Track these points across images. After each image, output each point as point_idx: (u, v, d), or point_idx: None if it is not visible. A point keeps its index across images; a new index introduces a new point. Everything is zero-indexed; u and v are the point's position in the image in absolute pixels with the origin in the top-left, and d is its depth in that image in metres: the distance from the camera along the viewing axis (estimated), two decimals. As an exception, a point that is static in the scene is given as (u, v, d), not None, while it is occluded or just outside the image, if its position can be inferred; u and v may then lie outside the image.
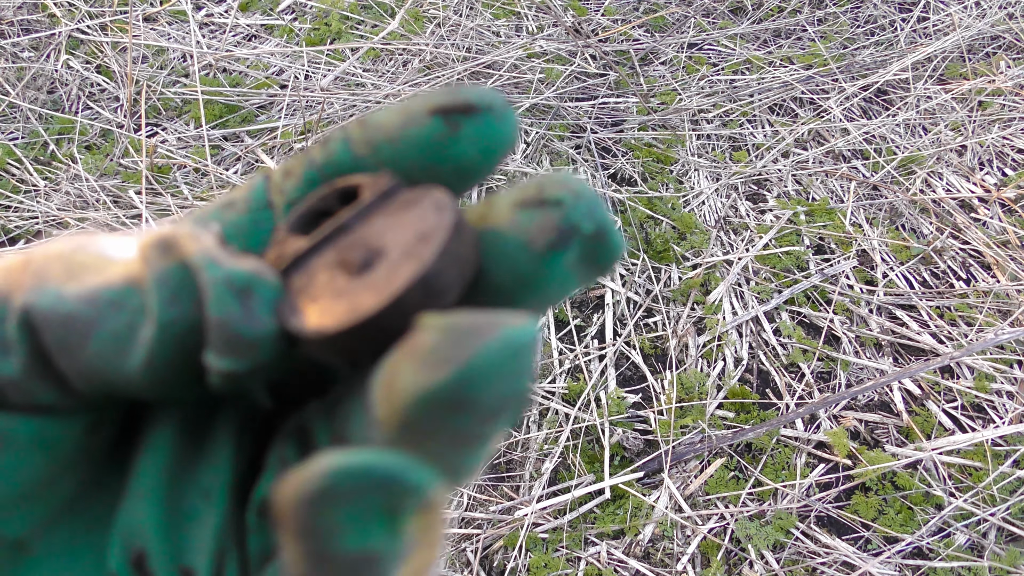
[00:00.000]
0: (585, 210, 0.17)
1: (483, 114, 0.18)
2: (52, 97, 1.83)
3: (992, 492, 1.27)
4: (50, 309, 0.16)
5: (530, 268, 0.17)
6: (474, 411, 0.14)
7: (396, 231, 0.17)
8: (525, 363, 0.14)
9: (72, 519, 0.18)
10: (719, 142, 1.85)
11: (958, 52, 2.10)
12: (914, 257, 1.64)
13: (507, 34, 2.05)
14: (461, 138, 0.18)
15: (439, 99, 0.18)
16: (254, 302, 0.16)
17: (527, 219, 0.17)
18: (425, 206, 0.17)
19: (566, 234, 0.16)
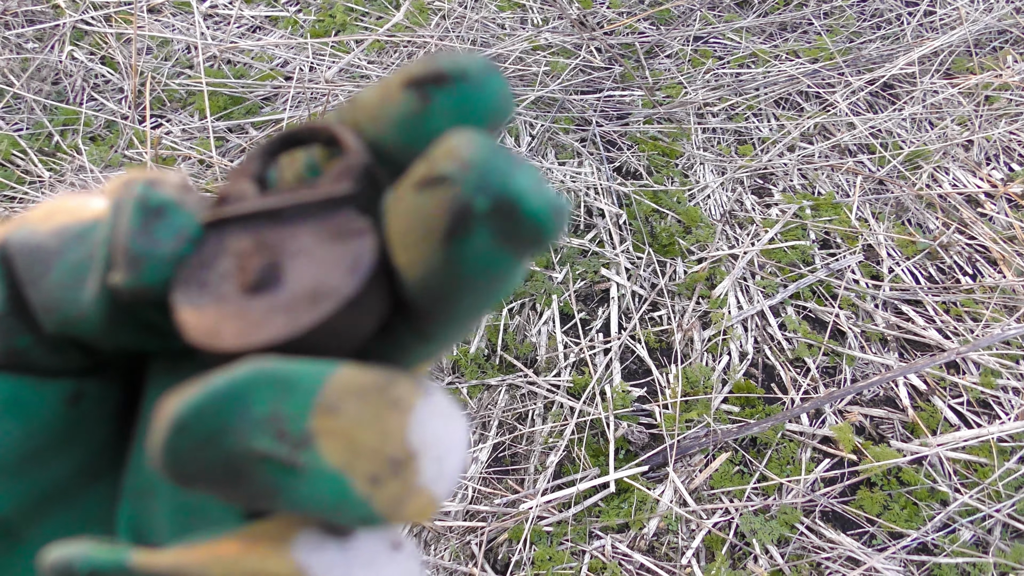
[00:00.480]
0: (477, 182, 0.14)
1: (456, 83, 0.16)
2: (56, 88, 1.82)
3: (998, 488, 1.27)
4: (22, 241, 0.17)
5: (431, 270, 0.15)
6: (173, 471, 0.14)
7: (308, 263, 0.16)
8: (206, 430, 0.14)
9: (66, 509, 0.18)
10: (725, 136, 1.85)
11: (965, 46, 2.09)
12: (920, 252, 1.63)
13: (512, 26, 2.04)
14: (433, 112, 0.16)
15: (412, 70, 0.16)
16: (158, 223, 0.16)
17: (422, 203, 0.15)
18: (346, 252, 0.16)
19: (459, 217, 0.14)
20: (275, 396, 0.14)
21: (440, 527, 1.21)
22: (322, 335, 0.15)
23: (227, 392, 0.14)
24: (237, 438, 0.14)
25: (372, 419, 0.15)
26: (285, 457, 0.14)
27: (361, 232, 0.16)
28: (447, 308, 0.15)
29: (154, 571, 0.14)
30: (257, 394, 0.14)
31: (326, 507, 0.14)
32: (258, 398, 0.14)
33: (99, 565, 0.14)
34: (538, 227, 0.14)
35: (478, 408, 1.35)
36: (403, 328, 0.16)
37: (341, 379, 0.15)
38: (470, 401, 1.35)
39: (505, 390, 1.37)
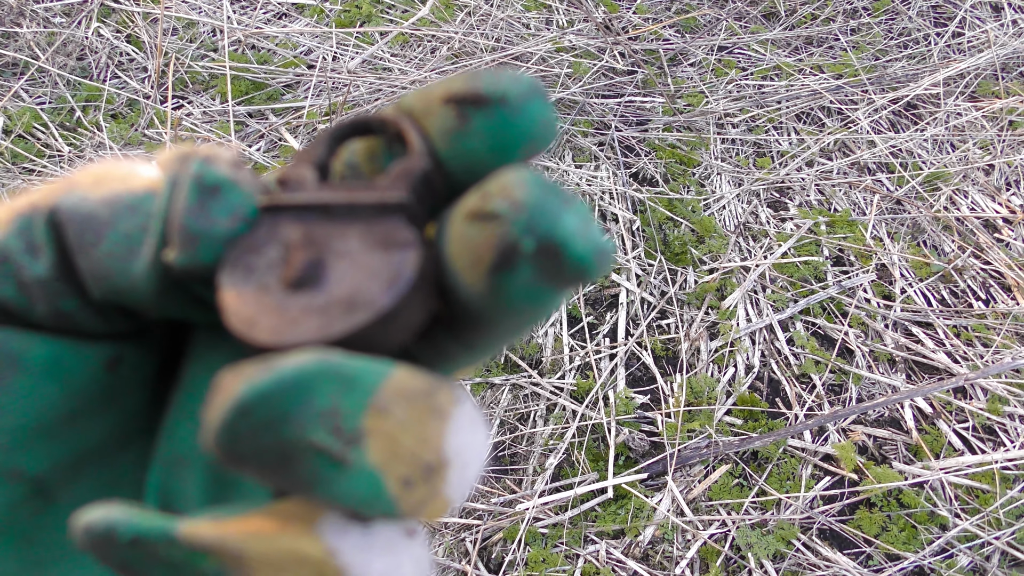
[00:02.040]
0: (526, 223, 0.15)
1: (494, 106, 0.16)
2: (81, 64, 1.83)
3: (999, 516, 1.26)
4: (73, 208, 0.17)
5: (477, 294, 0.15)
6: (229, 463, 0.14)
7: (350, 267, 0.16)
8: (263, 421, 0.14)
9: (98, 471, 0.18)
10: (743, 147, 1.84)
11: (992, 70, 2.07)
12: (934, 274, 1.62)
13: (537, 26, 2.04)
14: (470, 133, 0.16)
15: (454, 86, 0.16)
16: (214, 202, 0.16)
17: (472, 235, 0.15)
18: (389, 263, 0.16)
19: (506, 254, 0.15)
20: (336, 391, 0.14)
21: (435, 523, 1.21)
22: (353, 343, 0.15)
23: (294, 381, 0.14)
24: (296, 428, 0.14)
25: (415, 424, 0.15)
26: (336, 452, 0.14)
27: (406, 245, 0.16)
28: (489, 327, 0.16)
29: (199, 543, 0.14)
30: (321, 387, 0.14)
31: (357, 502, 0.15)
32: (321, 391, 0.14)
33: (144, 532, 0.14)
34: (580, 268, 0.15)
35: (480, 406, 1.35)
36: (446, 335, 0.17)
37: (395, 382, 0.15)
38: (472, 398, 1.35)
39: (508, 390, 1.37)
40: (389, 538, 0.16)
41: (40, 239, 0.17)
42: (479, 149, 0.16)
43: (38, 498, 0.18)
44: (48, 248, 0.17)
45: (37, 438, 0.17)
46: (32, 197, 0.18)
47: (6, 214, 0.17)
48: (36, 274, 0.17)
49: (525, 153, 0.16)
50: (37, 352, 0.17)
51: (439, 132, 0.16)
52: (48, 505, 0.18)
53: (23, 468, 0.17)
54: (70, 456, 0.18)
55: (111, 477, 0.19)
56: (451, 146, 0.16)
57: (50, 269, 0.17)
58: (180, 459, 0.18)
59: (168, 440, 0.18)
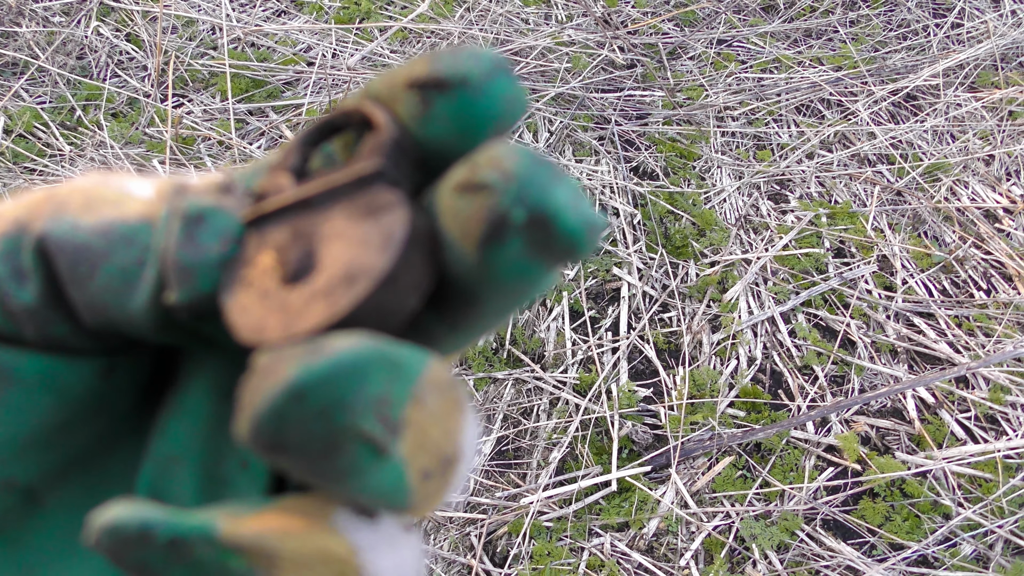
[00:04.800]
0: (516, 194, 0.14)
1: (456, 89, 0.16)
2: (81, 63, 1.84)
3: (1001, 504, 1.27)
4: (64, 238, 0.16)
5: (468, 267, 0.15)
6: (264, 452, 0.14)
7: (340, 245, 0.16)
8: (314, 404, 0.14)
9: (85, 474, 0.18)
10: (744, 140, 1.84)
11: (991, 60, 2.07)
12: (935, 265, 1.62)
13: (536, 21, 2.04)
14: (432, 118, 0.16)
15: (415, 70, 0.16)
16: (200, 230, 0.16)
17: (462, 207, 0.15)
18: (377, 228, 0.16)
19: (496, 225, 0.14)
20: (387, 378, 0.14)
21: (440, 517, 1.21)
22: (363, 316, 0.15)
23: (352, 364, 0.14)
24: (349, 415, 0.14)
25: (442, 416, 0.15)
26: (381, 441, 0.14)
27: (391, 205, 0.16)
28: (477, 305, 0.16)
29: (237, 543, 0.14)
30: (375, 373, 0.14)
31: (381, 494, 0.15)
32: (375, 377, 0.14)
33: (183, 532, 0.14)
34: (571, 242, 0.15)
35: (484, 401, 1.35)
36: (433, 318, 0.17)
37: (432, 371, 0.15)
38: (476, 394, 1.36)
39: (511, 384, 1.38)
40: (392, 533, 0.16)
41: (27, 266, 0.16)
42: (445, 133, 0.16)
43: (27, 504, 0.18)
44: (36, 276, 0.16)
45: (31, 448, 0.17)
46: (15, 212, 0.17)
47: None
48: (23, 301, 0.16)
49: (494, 132, 0.16)
50: (31, 367, 0.17)
51: (407, 118, 0.16)
52: (36, 509, 0.18)
53: (16, 478, 0.17)
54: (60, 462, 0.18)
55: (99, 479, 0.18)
56: (419, 131, 0.16)
57: (38, 297, 0.16)
58: (173, 458, 0.18)
59: (161, 439, 0.18)
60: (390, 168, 0.16)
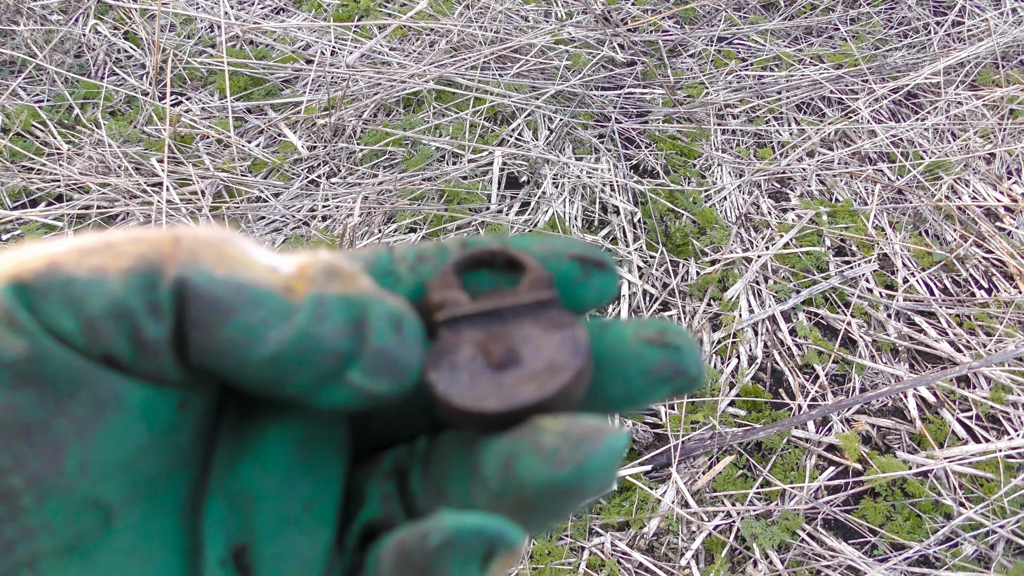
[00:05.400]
0: (695, 359, 0.21)
1: (608, 271, 0.22)
2: (79, 61, 1.83)
3: (1003, 504, 1.26)
4: (202, 287, 0.18)
5: (642, 391, 0.21)
6: (579, 497, 0.18)
7: (536, 347, 0.21)
8: (617, 463, 0.18)
9: (149, 497, 0.20)
10: (744, 138, 1.84)
11: (992, 58, 2.07)
12: (936, 264, 1.62)
13: (536, 19, 2.03)
14: (589, 284, 0.22)
15: (579, 250, 0.22)
16: (406, 332, 0.20)
17: (652, 355, 0.21)
18: (566, 337, 0.21)
19: (679, 373, 0.21)
20: None
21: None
22: (560, 400, 0.20)
23: (624, 447, 0.19)
24: (611, 482, 0.19)
25: None
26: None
27: (571, 323, 0.21)
28: (613, 412, 0.22)
29: (517, 552, 0.18)
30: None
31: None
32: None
33: (512, 539, 0.18)
34: (694, 390, 0.22)
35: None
36: None
37: None
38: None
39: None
40: None
41: (164, 305, 0.18)
42: (590, 296, 0.22)
43: (103, 522, 0.19)
44: (170, 315, 0.18)
45: (118, 470, 0.19)
46: (137, 248, 0.19)
47: (112, 262, 0.18)
48: (154, 336, 0.18)
49: (609, 303, 0.25)
50: (135, 396, 0.19)
51: (564, 278, 0.22)
52: (108, 528, 0.19)
53: (102, 497, 0.19)
54: (133, 485, 0.20)
55: (159, 503, 0.20)
56: (573, 289, 0.22)
57: (169, 334, 0.18)
58: (243, 495, 0.21)
59: (232, 476, 0.21)
60: (558, 297, 0.22)
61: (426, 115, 1.75)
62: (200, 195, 1.55)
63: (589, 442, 0.18)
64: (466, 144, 1.68)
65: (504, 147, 1.69)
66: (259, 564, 0.21)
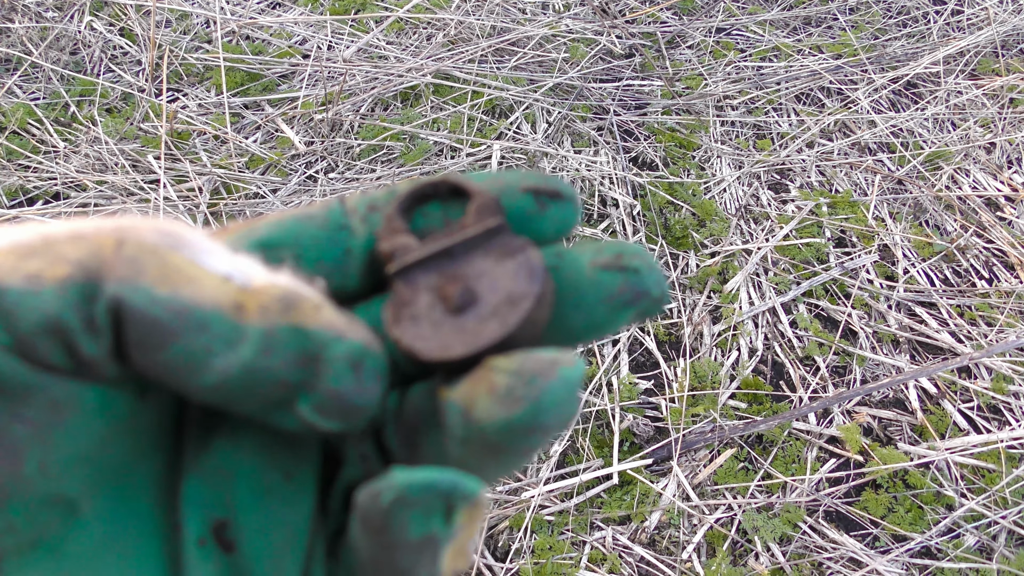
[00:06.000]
0: (655, 279, 0.20)
1: (566, 201, 0.22)
2: (75, 58, 1.82)
3: (1004, 495, 1.26)
4: (141, 309, 0.17)
5: (603, 319, 0.21)
6: (539, 433, 0.18)
7: (492, 280, 0.20)
8: (576, 394, 0.18)
9: (118, 485, 0.20)
10: (743, 129, 1.83)
11: (992, 47, 2.06)
12: (936, 254, 1.62)
13: (533, 11, 2.02)
14: (546, 216, 0.22)
15: (532, 182, 0.22)
16: (364, 373, 0.19)
17: (609, 280, 0.20)
18: (520, 264, 0.20)
19: (639, 296, 0.20)
20: None
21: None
22: (525, 330, 0.19)
23: (581, 377, 0.18)
24: (573, 413, 0.18)
25: None
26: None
27: (524, 247, 0.21)
28: (579, 343, 0.21)
29: (480, 501, 0.18)
30: None
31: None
32: None
33: (468, 491, 0.18)
34: (661, 311, 0.21)
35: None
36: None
37: None
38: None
39: (512, 377, 1.37)
40: None
41: (101, 324, 0.17)
42: (548, 229, 0.22)
43: (67, 514, 0.19)
44: (107, 333, 0.18)
45: (80, 465, 0.19)
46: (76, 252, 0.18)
47: (48, 269, 0.18)
48: (91, 353, 0.18)
49: (570, 235, 0.22)
50: (91, 395, 0.18)
51: (519, 211, 0.22)
52: (74, 519, 0.19)
53: (65, 492, 0.19)
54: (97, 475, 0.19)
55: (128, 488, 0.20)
56: (528, 223, 0.21)
57: (106, 352, 0.18)
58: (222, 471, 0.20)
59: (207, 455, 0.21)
60: (506, 222, 0.21)
61: (424, 109, 1.75)
62: (198, 192, 1.54)
63: (542, 377, 0.18)
64: (464, 138, 1.68)
65: (502, 141, 1.68)
66: (242, 537, 0.20)
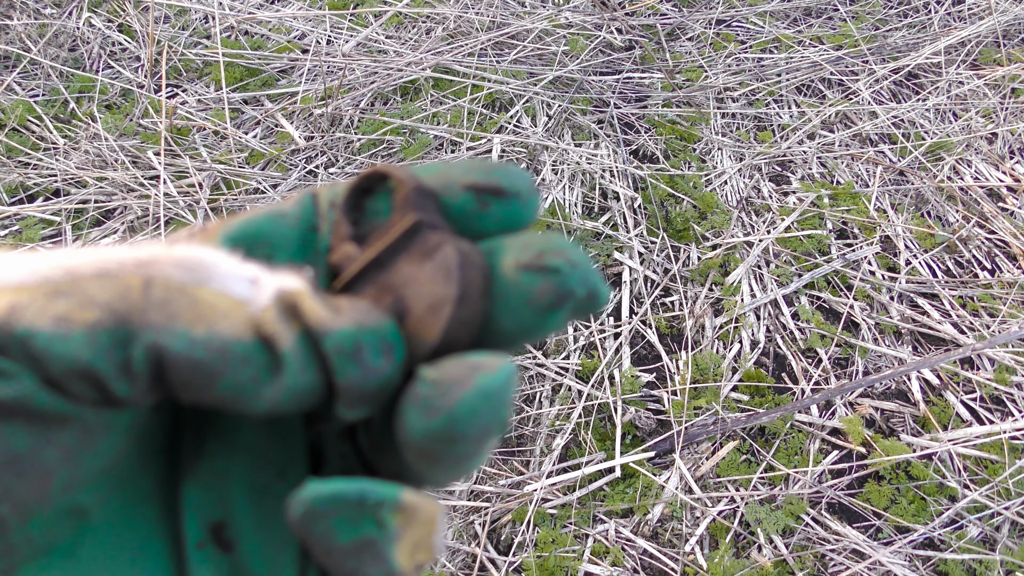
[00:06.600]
0: (579, 277, 0.19)
1: (510, 199, 0.21)
2: (73, 55, 1.82)
3: (1007, 486, 1.26)
4: (183, 354, 0.17)
5: (531, 322, 0.20)
6: (463, 441, 0.18)
7: (416, 286, 0.20)
8: (498, 401, 0.18)
9: (124, 492, 0.20)
10: (744, 121, 1.82)
11: (993, 37, 2.05)
12: (938, 245, 1.61)
13: (532, 4, 2.02)
14: (488, 215, 0.21)
15: (474, 177, 0.21)
16: (365, 355, 0.19)
17: (529, 282, 0.19)
18: (437, 265, 0.20)
19: (563, 298, 0.19)
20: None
21: (444, 506, 1.21)
22: (453, 332, 0.19)
23: (513, 371, 0.19)
24: (509, 408, 0.18)
25: None
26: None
27: (439, 244, 0.20)
28: (516, 344, 0.20)
29: (407, 504, 0.18)
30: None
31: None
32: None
33: (383, 496, 0.18)
34: (598, 309, 0.20)
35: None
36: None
37: None
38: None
39: (513, 371, 1.37)
40: None
41: (139, 370, 0.17)
42: (491, 228, 0.21)
43: (80, 521, 0.19)
44: (144, 378, 0.18)
45: (98, 477, 0.19)
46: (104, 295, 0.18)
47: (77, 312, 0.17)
48: (124, 394, 0.18)
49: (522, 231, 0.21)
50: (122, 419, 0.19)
51: (460, 210, 0.21)
52: (86, 524, 0.19)
53: (81, 503, 0.19)
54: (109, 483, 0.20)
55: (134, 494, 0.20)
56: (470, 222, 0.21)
57: (141, 393, 0.18)
58: (219, 474, 0.21)
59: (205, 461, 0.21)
60: (425, 215, 0.21)
61: (424, 103, 1.74)
62: (198, 187, 1.54)
63: (458, 387, 0.18)
64: (464, 132, 1.67)
65: (503, 134, 1.68)
66: (241, 536, 0.20)
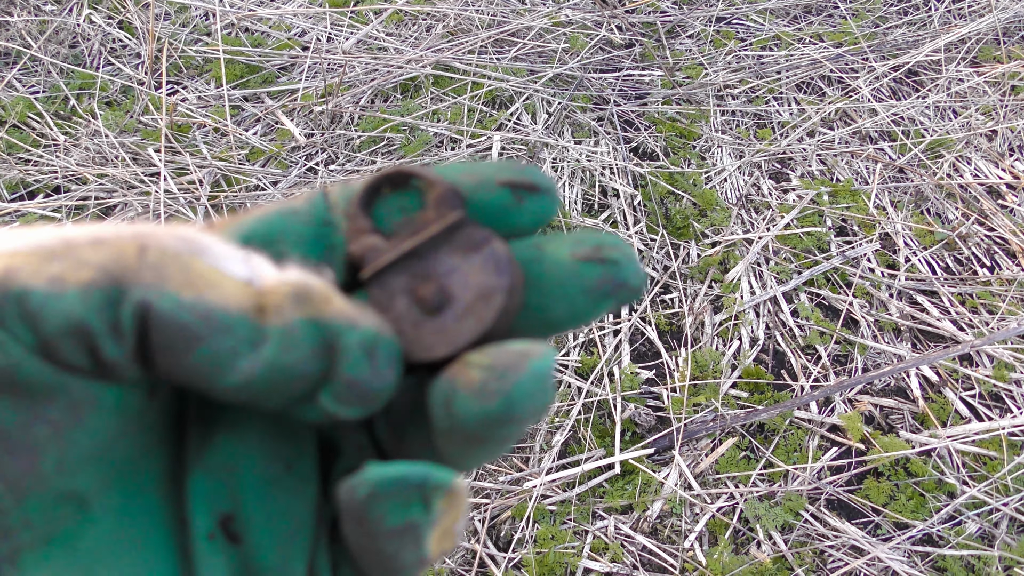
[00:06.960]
0: (633, 270, 0.21)
1: (542, 194, 0.22)
2: (74, 52, 1.82)
3: (1006, 482, 1.26)
4: (168, 314, 0.18)
5: (585, 309, 0.21)
6: (515, 424, 0.19)
7: (462, 276, 0.21)
8: (548, 384, 0.19)
9: (125, 481, 0.20)
10: (744, 119, 1.83)
11: (993, 34, 2.05)
12: (938, 242, 1.61)
13: (532, 2, 2.02)
14: (523, 210, 0.22)
15: (508, 175, 0.22)
16: (379, 359, 0.19)
17: (589, 272, 0.21)
18: (487, 257, 0.21)
19: (619, 287, 0.21)
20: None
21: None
22: (500, 322, 0.20)
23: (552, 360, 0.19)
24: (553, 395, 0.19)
25: None
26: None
27: (488, 239, 0.21)
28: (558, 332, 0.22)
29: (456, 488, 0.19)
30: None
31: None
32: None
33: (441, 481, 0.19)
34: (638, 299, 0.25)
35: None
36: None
37: None
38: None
39: (513, 368, 1.37)
40: None
41: (126, 328, 0.18)
42: (525, 222, 0.22)
43: (80, 510, 0.19)
44: (131, 337, 0.18)
45: (93, 462, 0.19)
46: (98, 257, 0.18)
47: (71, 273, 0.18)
48: (113, 356, 0.18)
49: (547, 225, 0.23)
50: (110, 394, 0.19)
51: (496, 205, 0.22)
52: (86, 514, 0.19)
53: (78, 488, 0.19)
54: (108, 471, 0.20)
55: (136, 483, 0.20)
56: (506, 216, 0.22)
57: (130, 355, 0.18)
58: (227, 465, 0.21)
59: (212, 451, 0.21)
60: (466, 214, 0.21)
61: (424, 101, 1.74)
62: (198, 184, 1.54)
63: (513, 371, 0.18)
64: (464, 129, 1.67)
65: (503, 132, 1.68)
66: (249, 529, 0.21)
